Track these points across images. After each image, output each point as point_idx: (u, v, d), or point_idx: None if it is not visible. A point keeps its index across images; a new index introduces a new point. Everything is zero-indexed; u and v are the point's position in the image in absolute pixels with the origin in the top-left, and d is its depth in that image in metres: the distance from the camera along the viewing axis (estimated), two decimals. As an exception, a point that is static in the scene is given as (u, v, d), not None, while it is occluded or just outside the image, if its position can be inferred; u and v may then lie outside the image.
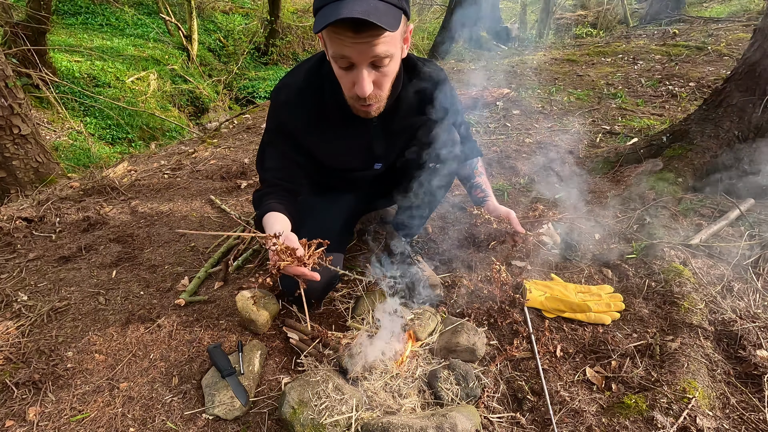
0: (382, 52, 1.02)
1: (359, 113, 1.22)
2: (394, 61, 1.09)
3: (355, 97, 1.12)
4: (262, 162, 1.39)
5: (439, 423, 1.05)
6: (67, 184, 2.62)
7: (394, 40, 1.04)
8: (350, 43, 0.99)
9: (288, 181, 1.37)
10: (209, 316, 1.52)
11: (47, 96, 5.00)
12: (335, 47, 1.02)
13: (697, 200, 2.05)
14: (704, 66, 4.52)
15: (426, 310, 1.49)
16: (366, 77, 1.06)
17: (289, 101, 1.28)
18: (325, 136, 1.32)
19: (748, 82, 2.09)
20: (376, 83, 1.10)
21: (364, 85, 1.06)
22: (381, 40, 1.00)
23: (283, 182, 1.37)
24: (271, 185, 1.36)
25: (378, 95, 1.14)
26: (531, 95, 4.01)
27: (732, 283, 1.57)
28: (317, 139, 1.33)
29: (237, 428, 1.16)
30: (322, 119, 1.29)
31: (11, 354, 1.36)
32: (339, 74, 1.10)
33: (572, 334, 1.44)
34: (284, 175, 1.37)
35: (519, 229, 1.52)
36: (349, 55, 1.02)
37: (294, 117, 1.29)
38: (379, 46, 1.00)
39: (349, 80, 1.09)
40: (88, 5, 8.50)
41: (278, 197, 1.33)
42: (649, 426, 1.10)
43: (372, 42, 0.99)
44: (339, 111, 1.26)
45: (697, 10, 9.37)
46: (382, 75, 1.09)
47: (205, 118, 6.87)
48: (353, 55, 1.02)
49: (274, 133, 1.34)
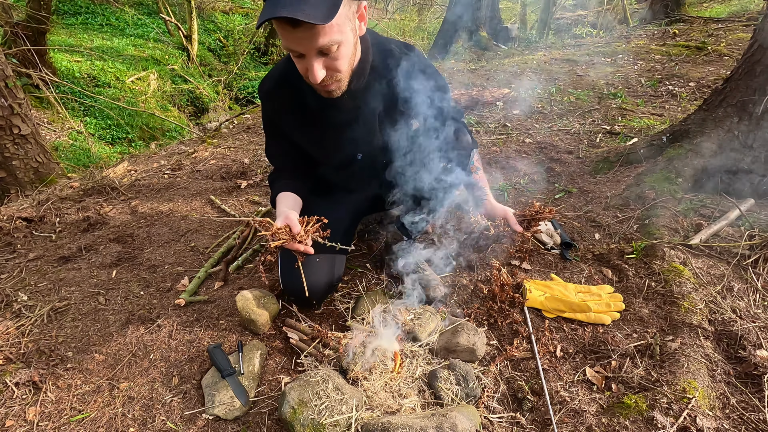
0: (326, 42, 1.04)
1: (323, 94, 1.23)
2: (345, 45, 1.10)
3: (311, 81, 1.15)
4: (268, 151, 1.52)
5: (439, 423, 1.05)
6: (67, 184, 2.62)
7: (336, 27, 1.04)
8: (293, 37, 1.02)
9: (293, 165, 1.50)
10: (209, 316, 1.52)
11: (47, 96, 5.00)
12: (282, 40, 1.06)
13: (697, 200, 2.05)
14: (704, 66, 4.52)
15: (426, 310, 1.49)
16: (315, 65, 1.08)
17: (269, 90, 1.35)
18: (305, 124, 1.37)
19: (748, 82, 2.09)
20: (328, 68, 1.11)
21: (315, 73, 1.08)
22: (320, 31, 1.01)
23: (290, 165, 1.50)
24: (280, 169, 1.51)
25: (334, 76, 1.15)
26: (531, 95, 4.01)
27: (732, 283, 1.57)
28: (299, 128, 1.38)
29: (237, 428, 1.16)
30: (301, 107, 1.34)
31: (11, 354, 1.36)
32: (295, 62, 1.13)
33: (572, 334, 1.44)
34: (288, 160, 1.50)
35: (517, 228, 1.52)
36: (294, 48, 1.05)
37: (274, 105, 1.36)
38: (320, 37, 1.02)
39: (302, 68, 1.12)
40: (88, 5, 8.50)
41: (288, 178, 1.47)
42: (649, 426, 1.10)
43: (311, 35, 1.01)
44: (315, 97, 1.29)
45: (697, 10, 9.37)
46: (332, 60, 1.10)
47: (205, 118, 6.87)
48: (297, 47, 1.05)
49: (267, 125, 1.45)
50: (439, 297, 1.55)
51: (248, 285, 1.66)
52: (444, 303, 1.57)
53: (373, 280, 1.70)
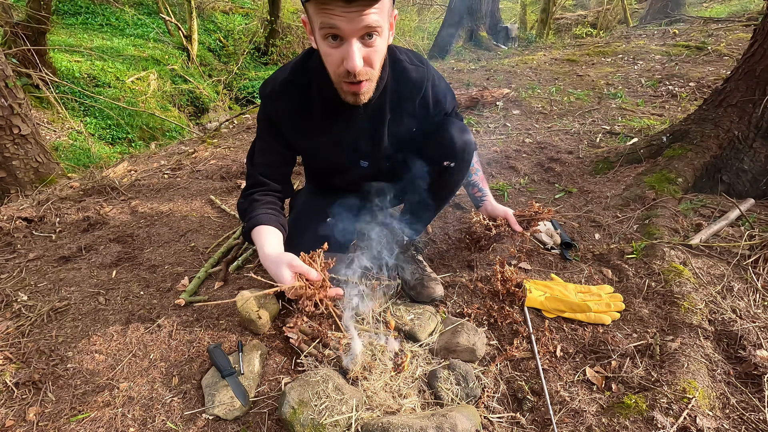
0: (374, 22, 0.98)
1: (347, 98, 1.15)
2: (383, 39, 1.06)
3: (344, 74, 1.06)
4: (252, 156, 1.38)
5: (439, 423, 1.05)
6: (67, 184, 2.62)
7: (384, 11, 1.00)
8: (341, 12, 0.95)
9: (275, 180, 1.36)
10: (209, 316, 1.52)
11: (47, 96, 5.00)
12: (323, 17, 0.97)
13: (697, 200, 2.05)
14: (704, 66, 4.52)
15: (426, 310, 1.49)
16: (356, 50, 1.00)
17: (274, 92, 1.27)
18: (310, 130, 1.30)
19: (748, 82, 2.09)
20: (366, 60, 1.04)
21: (354, 59, 1.01)
22: (372, 9, 0.96)
23: (270, 181, 1.35)
24: (257, 184, 1.35)
25: (369, 73, 1.08)
26: (531, 95, 4.01)
27: (732, 283, 1.57)
28: (301, 133, 1.31)
29: (237, 428, 1.16)
30: (307, 113, 1.27)
31: (11, 354, 1.36)
32: (327, 53, 1.05)
33: (572, 334, 1.44)
34: (271, 171, 1.36)
35: (517, 228, 1.53)
36: (338, 25, 0.97)
37: (278, 109, 1.28)
38: (370, 15, 0.97)
39: (337, 56, 1.04)
40: (88, 5, 8.50)
41: (266, 205, 1.31)
42: (649, 426, 1.10)
43: (363, 11, 0.95)
44: (324, 104, 1.24)
45: (697, 10, 9.38)
46: (372, 51, 1.05)
47: (205, 118, 6.86)
48: (343, 25, 0.97)
49: (263, 125, 1.34)
50: (440, 297, 1.55)
51: (248, 285, 1.66)
52: (444, 303, 1.57)
53: (373, 280, 1.70)
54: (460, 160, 1.43)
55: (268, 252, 1.17)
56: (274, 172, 1.37)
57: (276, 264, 1.13)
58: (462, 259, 1.78)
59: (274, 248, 1.18)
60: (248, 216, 1.29)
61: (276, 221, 1.28)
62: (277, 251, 1.17)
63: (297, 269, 1.10)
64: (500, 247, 1.84)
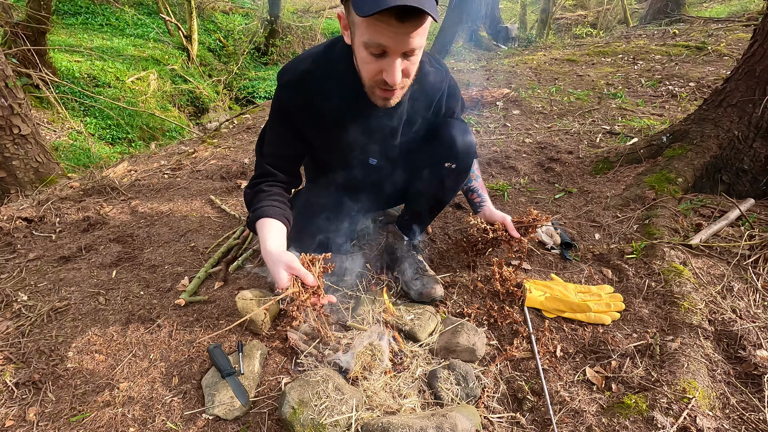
0: (418, 44, 1.01)
1: (377, 101, 1.16)
2: (421, 51, 1.08)
3: (379, 83, 1.08)
4: (261, 146, 1.38)
5: (439, 423, 1.05)
6: (67, 184, 2.62)
7: (426, 30, 1.02)
8: (391, 33, 0.96)
9: (283, 171, 1.36)
10: (209, 316, 1.52)
11: (47, 96, 5.00)
12: (372, 34, 0.98)
13: (697, 200, 2.05)
14: (704, 66, 4.52)
15: (426, 310, 1.49)
16: (398, 66, 1.03)
17: (291, 82, 1.25)
18: (324, 123, 1.29)
19: (748, 82, 2.09)
20: (404, 71, 1.07)
21: (395, 74, 1.03)
22: (420, 30, 0.98)
23: (279, 171, 1.35)
24: (265, 174, 1.34)
25: (404, 82, 1.11)
26: (531, 95, 4.01)
27: (732, 283, 1.57)
28: (315, 125, 1.30)
29: (237, 428, 1.16)
30: (323, 105, 1.26)
31: (11, 354, 1.36)
32: (365, 60, 1.06)
33: (572, 334, 1.44)
34: (281, 163, 1.35)
35: (514, 234, 1.54)
36: (386, 44, 0.98)
37: (295, 99, 1.26)
38: (417, 37, 0.99)
39: (376, 67, 1.05)
40: (88, 5, 8.50)
41: (272, 196, 1.30)
42: (649, 426, 1.10)
43: (412, 33, 0.97)
44: (341, 99, 1.23)
45: (697, 10, 9.38)
46: (410, 64, 1.07)
47: (205, 118, 6.87)
48: (391, 44, 0.98)
49: (276, 115, 1.32)
50: (440, 297, 1.55)
51: (248, 285, 1.66)
52: (444, 302, 1.57)
53: (373, 280, 1.70)
54: (462, 162, 1.43)
55: (269, 248, 1.17)
56: (283, 164, 1.36)
57: (275, 263, 1.13)
58: (462, 260, 1.78)
59: (276, 245, 1.18)
60: (253, 207, 1.29)
61: (281, 214, 1.27)
62: (278, 249, 1.17)
63: (295, 272, 1.10)
64: (499, 249, 1.84)
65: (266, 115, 4.14)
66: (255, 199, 1.31)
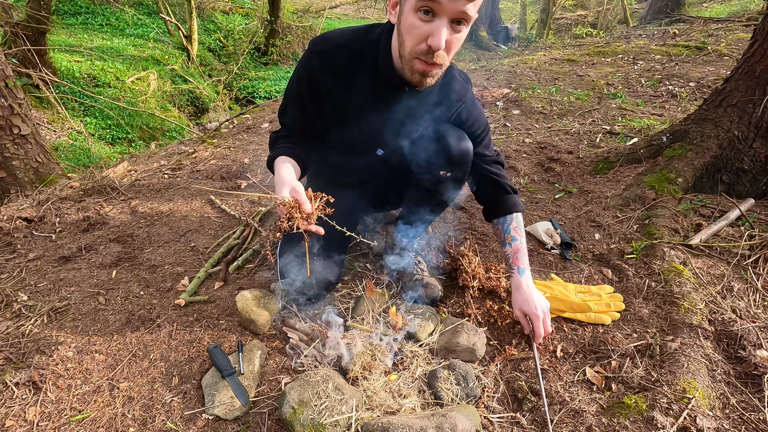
0: (470, 9, 1.00)
1: (414, 77, 1.14)
2: (466, 30, 1.07)
3: (423, 51, 1.06)
4: (284, 113, 1.42)
5: (439, 423, 1.05)
6: (67, 184, 2.62)
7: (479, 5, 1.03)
8: None
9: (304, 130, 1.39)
10: (209, 316, 1.52)
11: (47, 96, 5.00)
12: None
13: (697, 200, 2.05)
14: (704, 66, 4.52)
15: (426, 310, 1.49)
16: (444, 32, 1.02)
17: (325, 51, 1.25)
18: (346, 99, 1.29)
19: (748, 82, 2.09)
20: (447, 44, 1.05)
21: (440, 38, 1.02)
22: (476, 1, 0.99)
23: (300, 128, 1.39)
24: (289, 129, 1.41)
25: (443, 59, 1.09)
26: (531, 95, 4.01)
27: (732, 283, 1.57)
28: (336, 98, 1.30)
29: (237, 428, 1.16)
30: (350, 81, 1.27)
31: (11, 354, 1.36)
32: (414, 24, 1.04)
33: (572, 334, 1.44)
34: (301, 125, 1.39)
35: (539, 332, 1.35)
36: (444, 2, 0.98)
37: (324, 69, 1.26)
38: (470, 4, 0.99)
39: (424, 31, 1.03)
40: (88, 5, 8.50)
41: (292, 141, 1.37)
42: (649, 426, 1.10)
43: None
44: (370, 80, 1.24)
45: (697, 10, 9.38)
46: (455, 39, 1.06)
47: (205, 118, 6.86)
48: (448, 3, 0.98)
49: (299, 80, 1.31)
50: (439, 297, 1.55)
51: (248, 285, 1.66)
52: (444, 303, 1.57)
53: (373, 280, 1.70)
54: (457, 171, 1.41)
55: (282, 175, 1.21)
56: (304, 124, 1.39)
57: (282, 184, 1.17)
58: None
59: (288, 174, 1.22)
60: (272, 151, 1.36)
61: (294, 154, 1.33)
62: (289, 177, 1.21)
63: (297, 195, 1.13)
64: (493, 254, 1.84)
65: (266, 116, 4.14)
66: (278, 141, 1.39)
